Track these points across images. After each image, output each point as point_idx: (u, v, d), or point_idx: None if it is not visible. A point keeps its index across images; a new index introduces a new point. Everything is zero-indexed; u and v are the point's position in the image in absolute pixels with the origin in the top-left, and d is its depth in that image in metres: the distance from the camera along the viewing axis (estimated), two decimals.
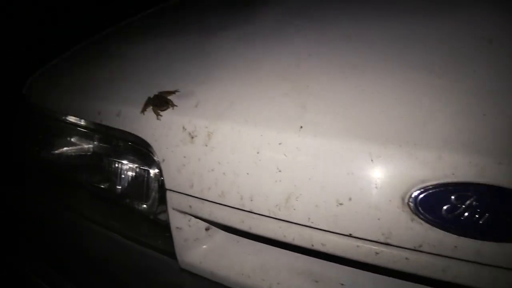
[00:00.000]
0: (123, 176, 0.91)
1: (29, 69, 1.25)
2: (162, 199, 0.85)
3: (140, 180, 0.88)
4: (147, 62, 1.00)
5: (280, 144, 0.69)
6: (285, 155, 0.68)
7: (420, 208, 0.61)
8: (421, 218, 0.61)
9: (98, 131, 0.93)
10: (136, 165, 0.88)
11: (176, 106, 0.82)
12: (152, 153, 0.83)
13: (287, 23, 1.02)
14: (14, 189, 1.19)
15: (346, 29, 0.92)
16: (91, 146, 0.95)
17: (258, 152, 0.70)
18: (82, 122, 0.96)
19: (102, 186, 0.95)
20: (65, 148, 1.01)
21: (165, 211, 0.84)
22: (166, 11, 1.40)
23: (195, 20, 1.19)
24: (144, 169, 0.87)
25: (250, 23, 1.06)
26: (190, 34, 1.07)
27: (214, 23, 1.11)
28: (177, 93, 0.85)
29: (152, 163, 0.84)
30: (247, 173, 0.71)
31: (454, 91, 0.68)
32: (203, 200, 0.76)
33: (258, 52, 0.91)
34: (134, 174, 0.89)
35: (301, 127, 0.69)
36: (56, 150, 1.02)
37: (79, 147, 0.98)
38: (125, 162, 0.90)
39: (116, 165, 0.91)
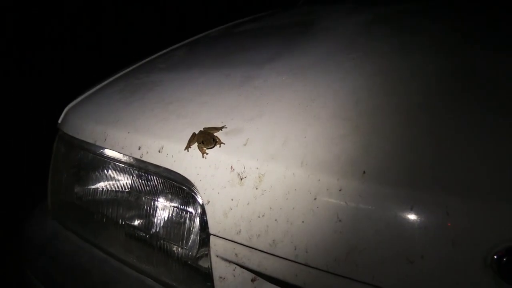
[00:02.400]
0: (161, 216, 0.91)
1: (65, 96, 1.31)
2: (203, 243, 0.84)
3: (180, 221, 0.88)
4: (191, 95, 1.02)
5: (340, 190, 0.67)
6: (346, 203, 0.67)
7: (506, 271, 0.57)
8: (508, 283, 0.57)
9: (137, 167, 0.94)
10: (177, 205, 0.88)
11: (223, 143, 0.83)
12: (195, 194, 0.83)
13: (340, 56, 1.03)
14: (44, 222, 1.22)
15: (406, 63, 0.92)
16: (128, 182, 0.97)
17: (315, 199, 0.69)
18: (121, 157, 0.98)
19: (138, 225, 0.95)
20: (100, 183, 1.03)
21: (206, 255, 0.83)
22: (209, 40, 1.44)
23: (241, 50, 1.22)
24: (185, 210, 0.87)
25: (300, 55, 1.07)
26: (236, 66, 1.09)
27: (262, 55, 1.12)
28: (224, 129, 0.86)
29: (195, 204, 0.84)
30: (303, 221, 0.69)
31: None
32: (251, 249, 0.74)
33: (311, 87, 0.91)
34: (174, 214, 0.89)
35: (364, 172, 0.67)
36: (91, 185, 1.04)
37: (116, 182, 1.00)
38: (165, 201, 0.90)
39: (155, 204, 0.91)
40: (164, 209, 0.90)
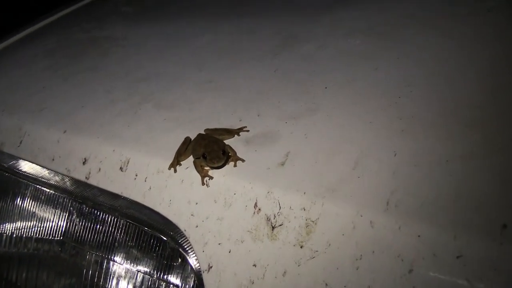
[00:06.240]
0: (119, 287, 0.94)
1: None
2: None
3: None
4: (183, 67, 1.05)
5: (458, 257, 0.70)
6: (468, 281, 0.69)
7: None
8: None
9: (80, 196, 0.97)
10: (150, 270, 0.91)
11: (242, 160, 0.86)
12: (185, 251, 0.86)
13: (461, 5, 1.05)
14: None
15: None
16: (61, 224, 0.99)
17: (410, 271, 0.71)
18: (49, 176, 1.01)
19: None
20: (7, 224, 1.05)
21: None
22: None
23: None
24: (165, 280, 0.89)
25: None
26: (265, 15, 1.11)
27: None
28: (243, 134, 0.89)
29: (184, 270, 0.86)
30: None
31: None
32: None
33: (406, 62, 0.93)
34: (142, 286, 0.92)
35: (505, 226, 0.69)
36: None
37: (38, 224, 1.02)
38: (128, 262, 0.92)
39: (110, 266, 0.94)
40: (125, 276, 0.93)
